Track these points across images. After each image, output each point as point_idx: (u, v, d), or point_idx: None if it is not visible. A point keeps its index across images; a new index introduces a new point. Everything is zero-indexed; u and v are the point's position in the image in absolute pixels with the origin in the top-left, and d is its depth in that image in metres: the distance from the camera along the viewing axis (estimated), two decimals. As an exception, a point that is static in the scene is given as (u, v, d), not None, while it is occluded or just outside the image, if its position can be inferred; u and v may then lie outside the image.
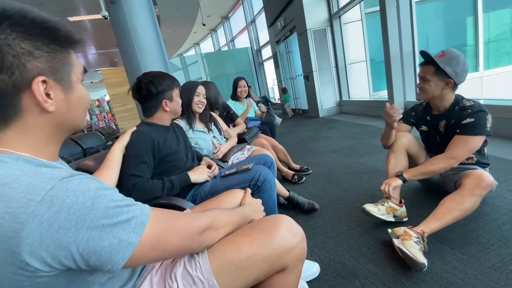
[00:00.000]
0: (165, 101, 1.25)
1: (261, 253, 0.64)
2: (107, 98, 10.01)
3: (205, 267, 0.62)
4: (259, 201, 0.95)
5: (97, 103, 9.90)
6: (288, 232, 0.68)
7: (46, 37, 0.48)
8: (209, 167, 1.38)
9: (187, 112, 1.73)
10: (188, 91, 1.74)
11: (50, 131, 0.52)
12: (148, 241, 0.49)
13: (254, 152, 1.81)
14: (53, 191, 0.42)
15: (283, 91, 7.74)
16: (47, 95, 0.48)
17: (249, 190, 0.98)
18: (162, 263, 0.69)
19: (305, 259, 0.73)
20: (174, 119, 1.76)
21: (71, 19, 7.30)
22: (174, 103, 1.29)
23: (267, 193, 1.19)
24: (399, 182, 1.39)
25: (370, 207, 1.41)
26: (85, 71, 0.58)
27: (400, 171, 1.42)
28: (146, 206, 0.53)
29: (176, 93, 1.29)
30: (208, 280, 0.61)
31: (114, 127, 9.08)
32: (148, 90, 1.22)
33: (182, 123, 1.71)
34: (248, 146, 1.96)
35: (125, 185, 1.09)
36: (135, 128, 1.22)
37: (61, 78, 0.50)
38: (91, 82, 17.90)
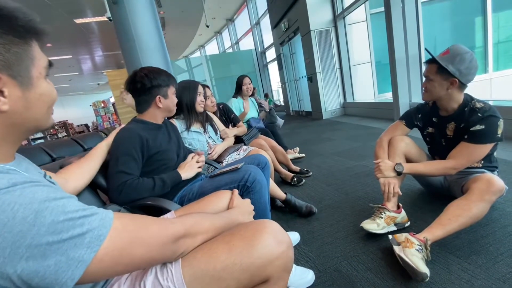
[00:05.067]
0: (159, 97, 1.20)
1: (239, 263, 0.58)
2: (112, 100, 10.12)
3: (177, 277, 0.56)
4: (248, 201, 0.88)
5: (102, 104, 9.99)
6: (272, 240, 0.61)
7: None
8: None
9: (188, 112, 1.69)
10: (190, 90, 1.69)
11: (3, 131, 0.46)
12: (107, 256, 0.43)
13: (250, 152, 1.75)
14: None
15: (265, 96, 8.67)
16: (0, 92, 0.43)
17: (236, 191, 0.92)
18: None
19: (291, 269, 0.67)
20: (169, 118, 1.72)
21: (78, 21, 7.39)
22: (168, 100, 1.24)
23: (257, 194, 1.12)
24: (393, 175, 1.36)
25: (369, 225, 1.33)
26: (50, 65, 0.53)
27: (400, 162, 1.37)
28: (109, 215, 0.47)
29: (171, 91, 1.24)
30: (180, 291, 0.55)
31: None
32: (142, 83, 1.17)
33: (177, 123, 1.66)
34: (244, 147, 1.90)
35: (113, 183, 1.05)
36: (123, 126, 1.17)
37: (18, 74, 0.45)
38: (98, 84, 18.13)
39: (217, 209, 0.90)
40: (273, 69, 9.95)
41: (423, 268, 0.99)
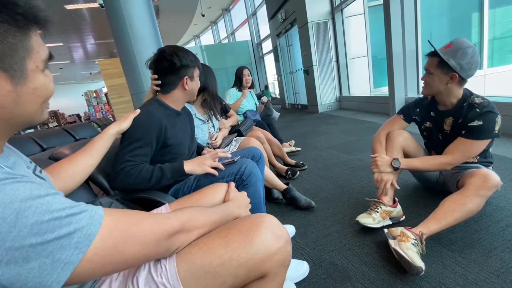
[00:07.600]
0: (186, 78, 1.15)
1: (236, 258, 0.56)
2: (105, 89, 9.90)
3: (172, 273, 0.54)
4: (244, 194, 0.86)
5: (94, 94, 9.79)
6: (271, 235, 0.59)
7: None
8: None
9: (213, 100, 1.68)
10: (214, 77, 1.66)
11: None
12: (97, 255, 0.41)
13: (242, 142, 1.74)
14: None
15: (265, 88, 8.87)
16: None
17: (232, 184, 0.90)
18: None
19: (289, 264, 0.65)
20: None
21: (68, 7, 7.14)
22: (193, 83, 1.19)
23: (252, 187, 1.10)
24: (390, 171, 1.36)
25: (365, 219, 1.33)
26: (50, 57, 0.49)
27: (397, 158, 1.36)
28: (99, 211, 0.44)
29: (197, 73, 1.19)
30: None
31: (111, 118, 9.01)
32: (171, 62, 1.11)
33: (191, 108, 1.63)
34: (235, 137, 1.88)
35: (116, 167, 1.00)
36: (138, 112, 1.07)
37: (10, 66, 0.41)
38: (90, 73, 17.73)
39: (213, 202, 0.87)
40: (269, 61, 9.86)
41: (418, 262, 0.99)
